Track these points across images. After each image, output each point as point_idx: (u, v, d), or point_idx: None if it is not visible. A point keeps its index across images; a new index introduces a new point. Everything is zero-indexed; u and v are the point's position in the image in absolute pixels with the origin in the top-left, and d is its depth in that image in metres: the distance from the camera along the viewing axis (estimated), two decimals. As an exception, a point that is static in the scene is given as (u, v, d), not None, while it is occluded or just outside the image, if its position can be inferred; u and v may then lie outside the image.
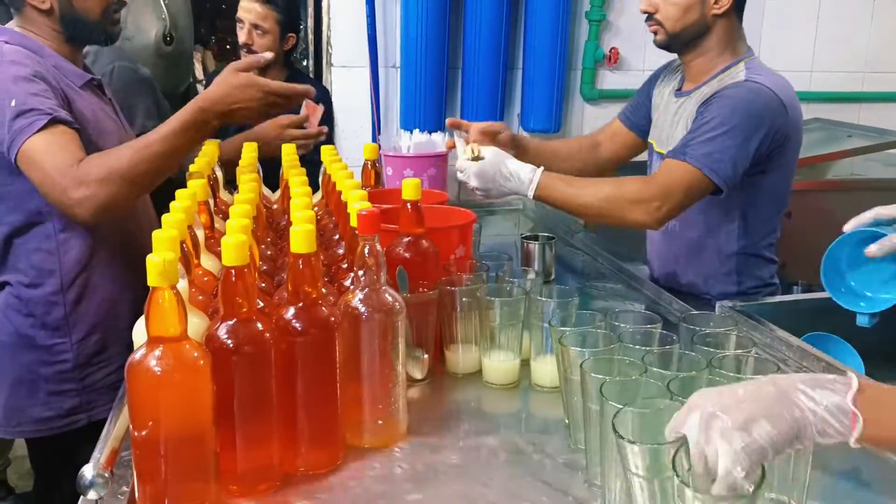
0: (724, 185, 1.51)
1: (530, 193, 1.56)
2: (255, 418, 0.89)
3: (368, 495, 0.94)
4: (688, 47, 1.66)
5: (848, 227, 1.12)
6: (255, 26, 2.43)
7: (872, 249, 1.07)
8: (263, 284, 1.08)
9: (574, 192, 1.57)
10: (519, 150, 1.84)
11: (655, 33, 1.66)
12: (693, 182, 1.51)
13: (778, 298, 1.63)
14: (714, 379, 0.89)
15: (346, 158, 1.59)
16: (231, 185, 1.62)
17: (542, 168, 1.57)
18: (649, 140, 1.85)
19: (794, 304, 1.59)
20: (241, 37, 2.45)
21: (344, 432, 1.00)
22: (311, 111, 2.09)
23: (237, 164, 1.57)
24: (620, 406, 0.80)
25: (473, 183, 1.61)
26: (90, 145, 1.43)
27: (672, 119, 1.73)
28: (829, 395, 0.72)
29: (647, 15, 1.66)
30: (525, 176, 1.57)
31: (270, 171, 1.72)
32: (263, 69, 2.22)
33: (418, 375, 1.23)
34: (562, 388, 1.06)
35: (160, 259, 0.78)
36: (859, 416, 0.70)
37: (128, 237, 1.58)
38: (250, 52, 2.42)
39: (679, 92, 1.74)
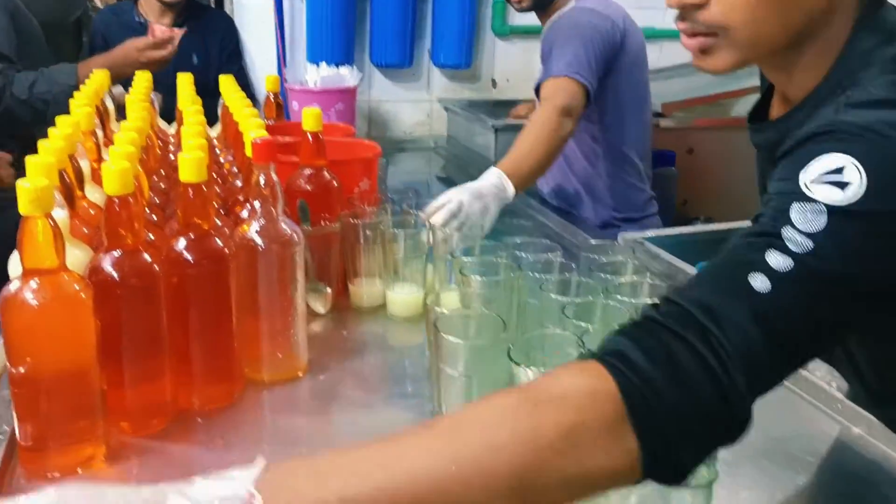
0: (589, 84, 1.74)
1: (512, 192, 1.56)
2: (144, 353, 0.86)
3: (268, 429, 0.93)
4: None
5: None
6: None
7: None
8: (155, 217, 1.04)
9: (527, 154, 1.64)
10: None
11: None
12: (565, 86, 1.72)
13: (676, 230, 1.68)
14: (609, 304, 0.90)
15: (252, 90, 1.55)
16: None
17: (499, 172, 1.56)
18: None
19: (692, 235, 1.64)
20: None
21: (242, 367, 0.98)
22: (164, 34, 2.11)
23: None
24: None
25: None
26: None
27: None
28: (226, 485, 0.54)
29: None
30: (500, 186, 1.54)
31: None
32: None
33: (321, 310, 1.22)
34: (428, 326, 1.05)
35: (32, 185, 0.73)
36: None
37: None
38: None
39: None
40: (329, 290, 1.22)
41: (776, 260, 0.63)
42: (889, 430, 0.89)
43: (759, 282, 0.63)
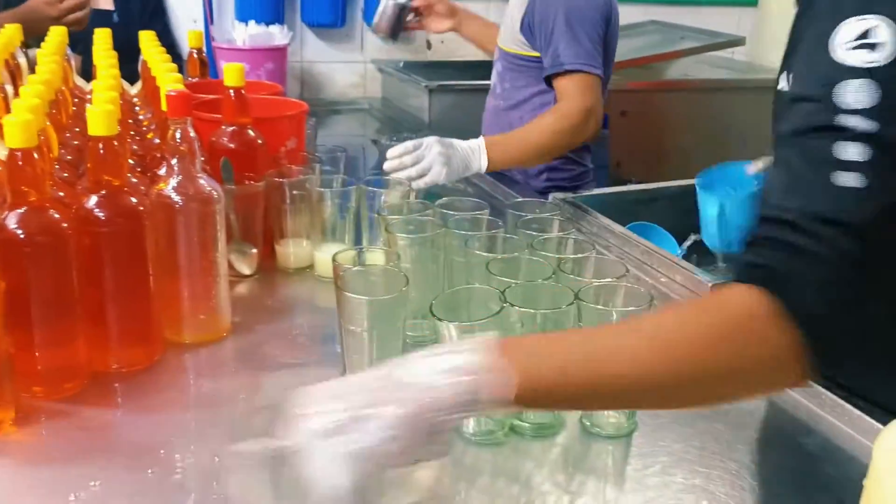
0: (604, 76, 1.68)
1: (484, 167, 1.54)
2: (55, 315, 0.83)
3: (190, 391, 0.91)
4: None
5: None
6: None
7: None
8: (66, 174, 0.99)
9: (521, 147, 1.60)
10: (456, 19, 2.06)
11: None
12: (592, 84, 1.64)
13: (607, 190, 1.70)
14: (533, 259, 0.90)
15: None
16: None
17: (481, 139, 1.56)
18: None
19: (620, 195, 1.65)
20: None
21: (161, 329, 0.96)
22: None
23: None
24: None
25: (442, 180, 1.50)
26: None
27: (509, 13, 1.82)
28: (450, 360, 0.59)
29: None
30: (474, 149, 1.53)
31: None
32: None
33: (247, 271, 1.19)
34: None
35: (-77, 138, 0.69)
36: (481, 379, 0.58)
37: None
38: None
39: None
40: (255, 250, 1.19)
41: (851, 151, 0.62)
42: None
43: (847, 179, 0.62)
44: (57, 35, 1.48)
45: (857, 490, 0.55)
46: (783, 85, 0.76)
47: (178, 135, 0.93)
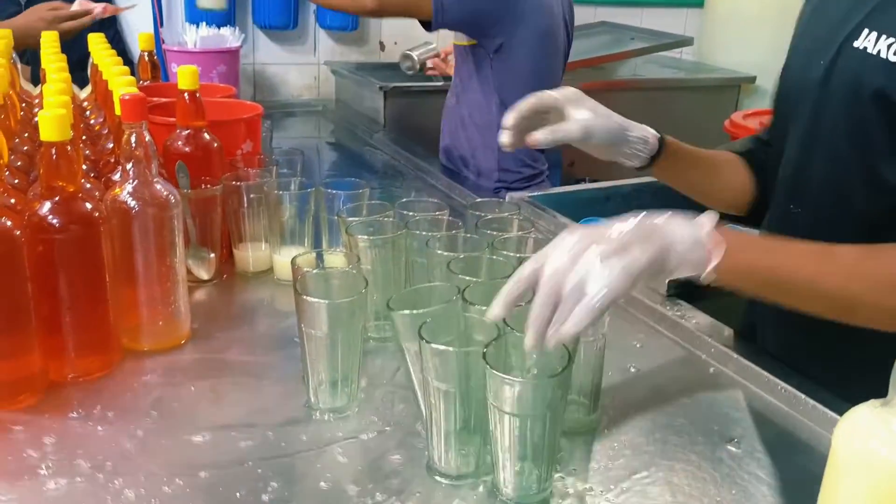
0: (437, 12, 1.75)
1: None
2: (8, 325, 0.81)
3: (149, 398, 0.89)
4: None
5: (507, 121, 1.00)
6: None
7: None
8: (17, 181, 0.97)
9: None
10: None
11: None
12: None
13: (561, 189, 1.72)
14: (494, 258, 0.91)
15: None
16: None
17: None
18: None
19: (575, 194, 1.67)
20: None
21: (119, 336, 0.94)
22: (84, 6, 1.95)
23: None
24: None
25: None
26: None
27: None
28: (690, 229, 0.77)
29: None
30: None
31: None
32: None
33: (205, 276, 1.18)
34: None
35: None
36: (716, 252, 0.76)
37: None
38: None
39: None
40: (213, 255, 1.18)
41: None
42: (756, 368, 0.94)
43: None
44: (2, 39, 1.45)
45: (817, 479, 0.57)
46: (866, 45, 0.88)
47: (133, 139, 0.92)
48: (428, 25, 1.84)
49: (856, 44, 0.90)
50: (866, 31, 0.89)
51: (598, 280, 0.70)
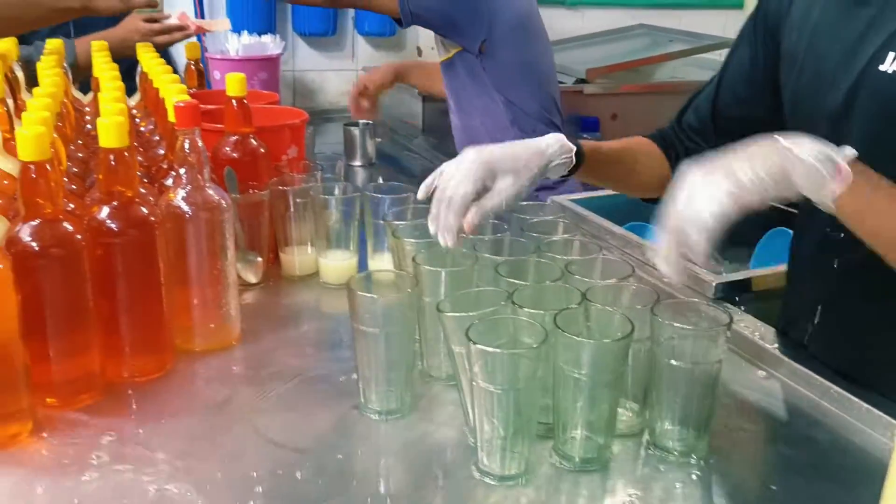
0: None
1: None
2: (69, 326, 0.83)
3: (201, 398, 0.91)
4: None
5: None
6: None
7: None
8: (74, 187, 1.00)
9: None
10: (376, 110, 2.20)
11: None
12: None
13: (602, 193, 1.71)
14: (541, 262, 0.91)
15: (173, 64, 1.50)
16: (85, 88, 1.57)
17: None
18: None
19: (615, 197, 1.66)
20: None
21: (173, 337, 0.96)
22: (183, 20, 1.99)
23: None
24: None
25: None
26: None
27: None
28: (821, 146, 0.75)
29: None
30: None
31: None
32: None
33: (253, 279, 1.20)
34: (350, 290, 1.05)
35: (-60, 152, 0.69)
36: (847, 169, 0.73)
37: None
38: None
39: None
40: (260, 259, 1.20)
41: None
42: (808, 372, 0.93)
43: None
44: (55, 47, 1.49)
45: (869, 482, 0.56)
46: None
47: (186, 145, 0.94)
48: (399, 22, 1.82)
49: (881, 67, 0.87)
50: (892, 54, 0.87)
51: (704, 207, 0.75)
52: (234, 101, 1.17)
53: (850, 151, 0.76)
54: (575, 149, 0.96)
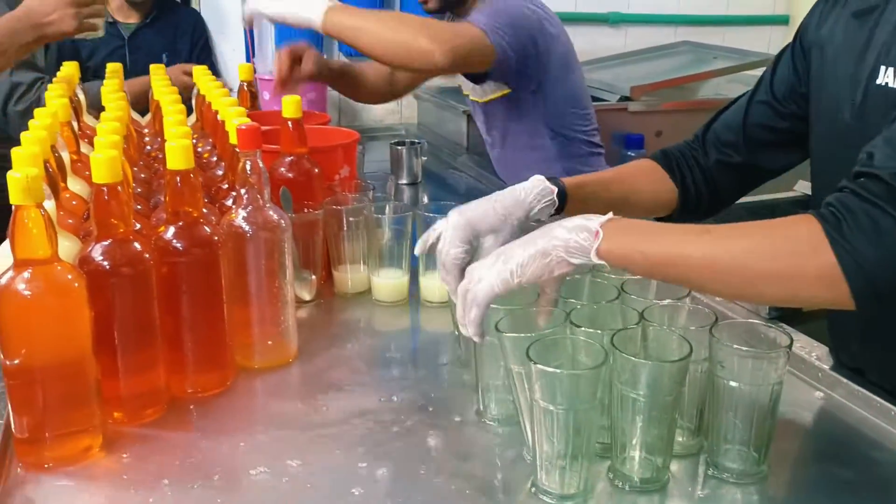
0: (500, 48, 1.64)
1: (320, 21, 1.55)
2: (138, 342, 0.86)
3: (261, 414, 0.94)
4: None
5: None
6: None
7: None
8: (139, 207, 1.03)
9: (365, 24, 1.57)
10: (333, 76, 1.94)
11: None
12: (476, 38, 1.61)
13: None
14: (595, 281, 0.92)
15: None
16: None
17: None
18: None
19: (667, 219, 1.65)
20: None
21: (233, 354, 0.99)
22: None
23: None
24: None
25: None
26: None
27: None
28: (577, 220, 0.80)
29: None
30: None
31: None
32: None
33: (307, 297, 1.22)
34: (450, 302, 1.07)
35: (23, 175, 0.72)
36: (601, 232, 0.78)
37: None
38: None
39: None
40: (314, 277, 1.22)
41: None
42: (866, 393, 0.92)
43: None
44: (114, 72, 1.54)
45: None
46: (887, 80, 0.86)
47: (248, 166, 0.97)
48: (481, 77, 1.77)
49: (878, 81, 0.88)
50: (883, 67, 0.88)
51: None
52: (290, 123, 1.20)
53: (605, 217, 0.80)
54: (556, 189, 0.96)
